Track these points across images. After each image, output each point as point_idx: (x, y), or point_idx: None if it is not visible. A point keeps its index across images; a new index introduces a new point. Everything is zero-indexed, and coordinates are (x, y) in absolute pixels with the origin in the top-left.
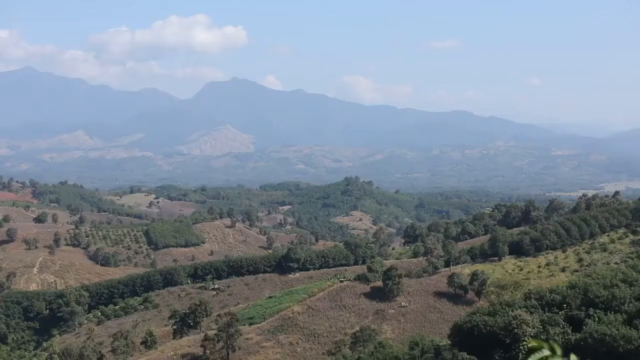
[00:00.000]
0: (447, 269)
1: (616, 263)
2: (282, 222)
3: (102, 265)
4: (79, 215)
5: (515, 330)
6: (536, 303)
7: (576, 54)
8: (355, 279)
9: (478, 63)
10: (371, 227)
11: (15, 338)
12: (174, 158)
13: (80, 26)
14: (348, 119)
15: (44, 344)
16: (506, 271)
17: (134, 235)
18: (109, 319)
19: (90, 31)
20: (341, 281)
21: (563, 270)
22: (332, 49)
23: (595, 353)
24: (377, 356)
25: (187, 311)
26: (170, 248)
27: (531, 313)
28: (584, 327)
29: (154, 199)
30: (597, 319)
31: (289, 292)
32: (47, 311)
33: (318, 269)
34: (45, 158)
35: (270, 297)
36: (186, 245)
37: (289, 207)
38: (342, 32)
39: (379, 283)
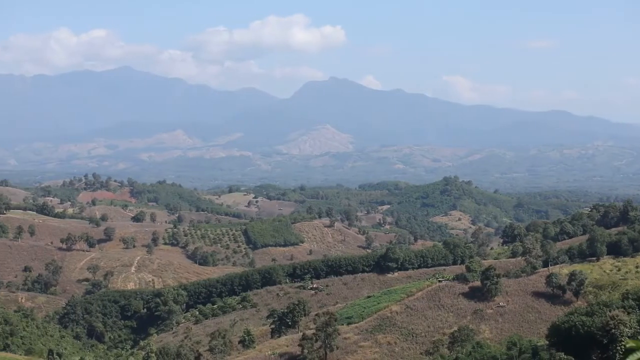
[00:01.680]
0: (546, 269)
1: None
2: (381, 221)
3: (200, 264)
4: (177, 215)
5: (613, 330)
6: (634, 303)
7: None
8: (453, 279)
9: (575, 62)
10: (470, 227)
11: (112, 337)
12: (273, 157)
13: (178, 26)
14: (447, 118)
15: (141, 343)
16: (604, 271)
17: (232, 235)
18: (206, 318)
19: (188, 31)
20: (440, 281)
21: None
22: (431, 49)
23: None
24: (474, 356)
25: (286, 310)
26: (269, 247)
27: (629, 313)
28: None
29: (253, 198)
30: None
31: (388, 292)
32: (145, 310)
33: (417, 268)
34: (144, 157)
35: (369, 297)
36: (285, 245)
37: (388, 206)
38: (440, 32)
39: (478, 283)
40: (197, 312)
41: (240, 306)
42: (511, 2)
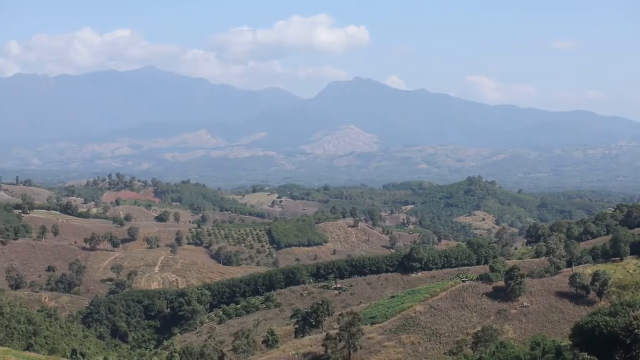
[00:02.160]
0: (569, 269)
1: None
2: (405, 221)
3: (224, 264)
4: (201, 214)
5: (636, 330)
6: None
7: None
8: (477, 279)
9: (599, 63)
10: (494, 227)
11: (135, 337)
12: (297, 157)
13: (202, 26)
14: (471, 118)
15: (165, 343)
16: (627, 271)
17: (256, 234)
18: (230, 318)
19: (212, 31)
20: (463, 281)
21: None
22: (455, 49)
23: None
24: (498, 356)
25: (309, 310)
26: (293, 247)
27: None
28: None
29: (277, 198)
30: None
31: (411, 292)
32: (168, 310)
33: (440, 268)
34: (167, 157)
35: (393, 297)
36: (309, 245)
37: (412, 206)
38: (464, 32)
39: (501, 283)
40: (221, 312)
41: (264, 306)
42: (535, 2)
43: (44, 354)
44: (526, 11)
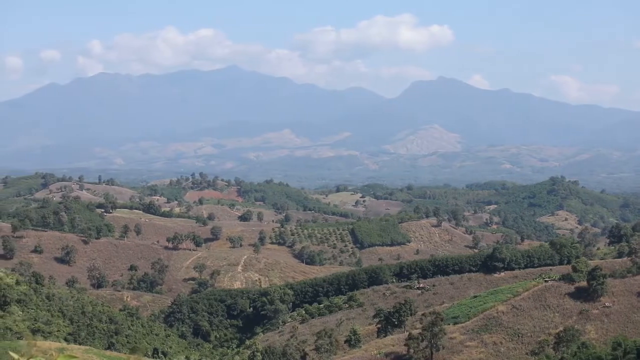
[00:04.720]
0: None
1: None
2: (488, 221)
3: (307, 263)
4: (284, 214)
5: None
6: None
7: None
8: (560, 279)
9: None
10: (576, 227)
11: (217, 336)
12: (380, 157)
13: (285, 25)
14: (554, 118)
15: (247, 342)
16: None
17: (339, 234)
18: (313, 318)
19: (295, 31)
20: (546, 281)
21: None
22: (538, 49)
23: None
24: (580, 356)
25: (392, 310)
26: (376, 247)
27: None
28: None
29: (360, 197)
30: None
31: (494, 292)
32: (251, 309)
33: (523, 268)
34: (251, 156)
35: (475, 297)
36: (392, 244)
37: (495, 206)
38: (547, 31)
39: (584, 283)
40: (304, 312)
41: (347, 305)
42: (618, 2)
43: (125, 353)
44: (609, 11)
